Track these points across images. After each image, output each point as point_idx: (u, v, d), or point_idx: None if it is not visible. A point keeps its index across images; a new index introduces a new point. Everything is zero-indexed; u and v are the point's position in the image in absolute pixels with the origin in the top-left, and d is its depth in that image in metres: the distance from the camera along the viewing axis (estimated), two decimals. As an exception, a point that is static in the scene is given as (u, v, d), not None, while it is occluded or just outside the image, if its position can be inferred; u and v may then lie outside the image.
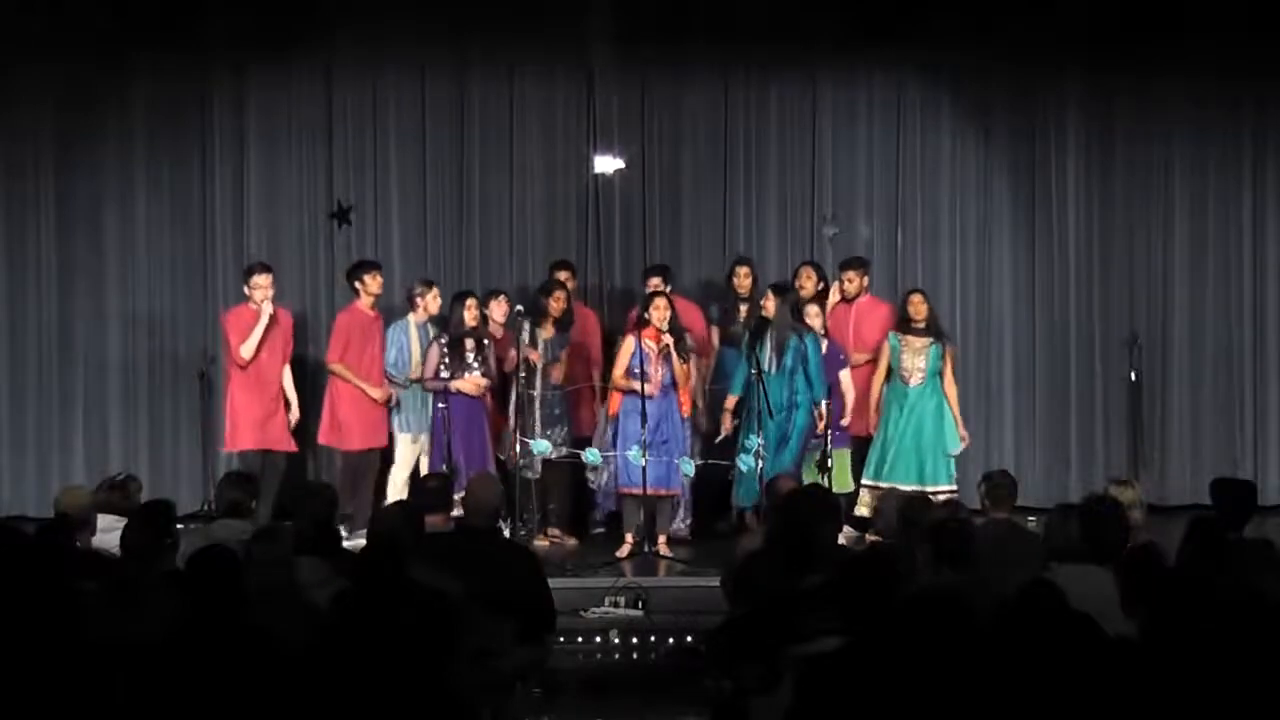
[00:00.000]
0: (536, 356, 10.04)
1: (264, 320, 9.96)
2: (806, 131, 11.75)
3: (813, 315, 10.01)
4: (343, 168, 11.53)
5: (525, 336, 10.00)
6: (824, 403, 9.67)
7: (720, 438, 9.98)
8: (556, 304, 10.15)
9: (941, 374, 10.00)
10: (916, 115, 11.76)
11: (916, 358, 9.95)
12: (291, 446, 10.21)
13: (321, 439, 10.38)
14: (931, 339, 10.01)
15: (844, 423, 10.03)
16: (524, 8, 11.23)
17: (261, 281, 10.03)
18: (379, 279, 10.26)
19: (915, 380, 9.94)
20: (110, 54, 11.20)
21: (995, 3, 11.31)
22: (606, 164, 11.46)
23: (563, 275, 10.54)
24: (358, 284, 10.25)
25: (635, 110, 11.62)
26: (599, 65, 11.35)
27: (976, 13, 11.29)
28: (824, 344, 9.96)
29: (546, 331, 10.17)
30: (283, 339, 10.18)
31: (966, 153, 11.81)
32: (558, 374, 10.13)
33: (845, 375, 10.07)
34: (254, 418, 10.01)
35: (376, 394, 10.15)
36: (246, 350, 9.94)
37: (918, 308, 10.04)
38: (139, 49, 11.18)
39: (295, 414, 10.24)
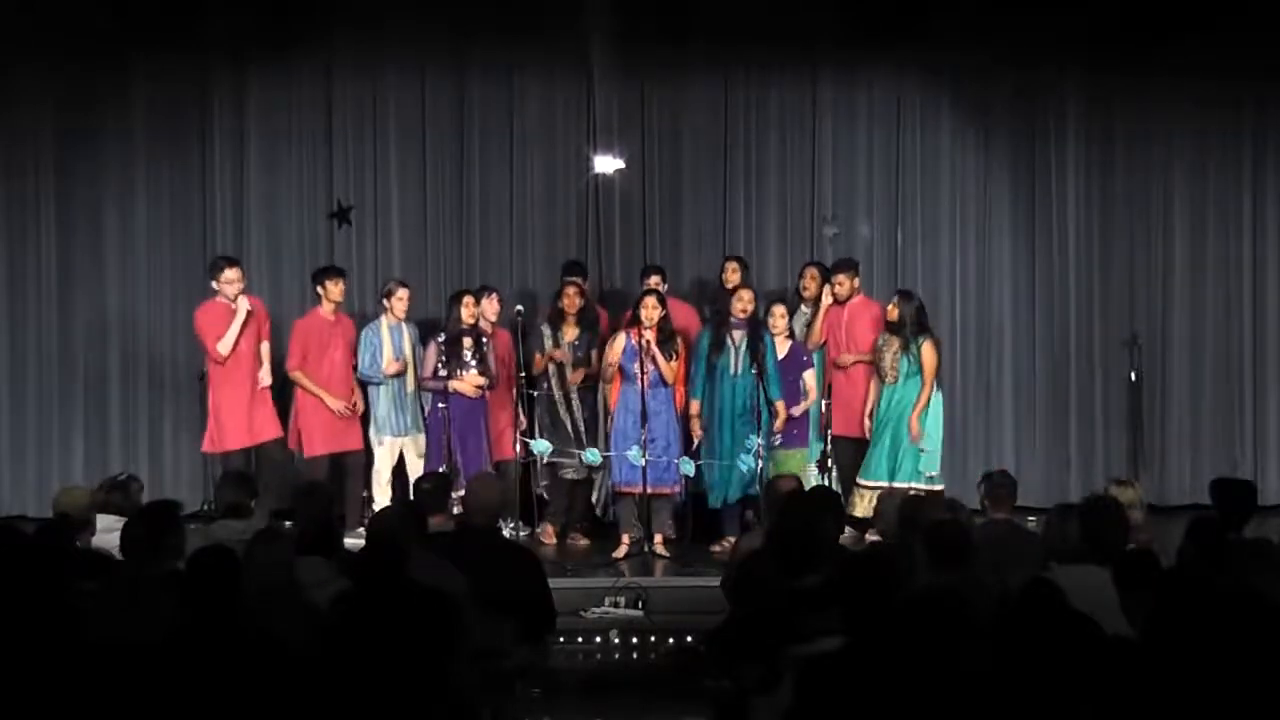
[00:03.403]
0: (562, 355, 10.06)
1: (241, 316, 9.91)
2: (806, 132, 11.75)
3: (777, 315, 9.98)
4: (343, 168, 11.53)
5: (548, 341, 10.03)
6: (779, 403, 9.64)
7: (696, 445, 9.97)
8: (570, 301, 10.18)
9: (921, 374, 9.92)
10: (916, 115, 11.76)
11: (894, 358, 9.94)
12: (279, 432, 10.14)
13: (290, 443, 10.37)
14: (904, 340, 9.95)
15: (795, 412, 9.85)
16: (524, 8, 11.23)
17: (232, 276, 9.95)
18: (340, 285, 10.23)
19: (890, 379, 9.92)
20: (110, 54, 11.20)
21: (995, 3, 11.31)
22: (606, 164, 11.46)
23: (576, 281, 10.58)
24: (319, 289, 10.24)
25: (635, 110, 11.62)
26: (599, 65, 11.35)
27: (976, 13, 11.29)
28: (788, 345, 9.95)
29: (569, 332, 10.19)
30: (256, 328, 10.09)
31: (966, 153, 11.81)
32: (576, 377, 10.13)
33: (809, 376, 10.01)
34: (240, 416, 9.97)
35: (334, 404, 10.10)
36: (224, 346, 9.87)
37: (890, 310, 10.01)
38: (139, 49, 11.18)
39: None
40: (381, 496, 10.03)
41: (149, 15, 10.93)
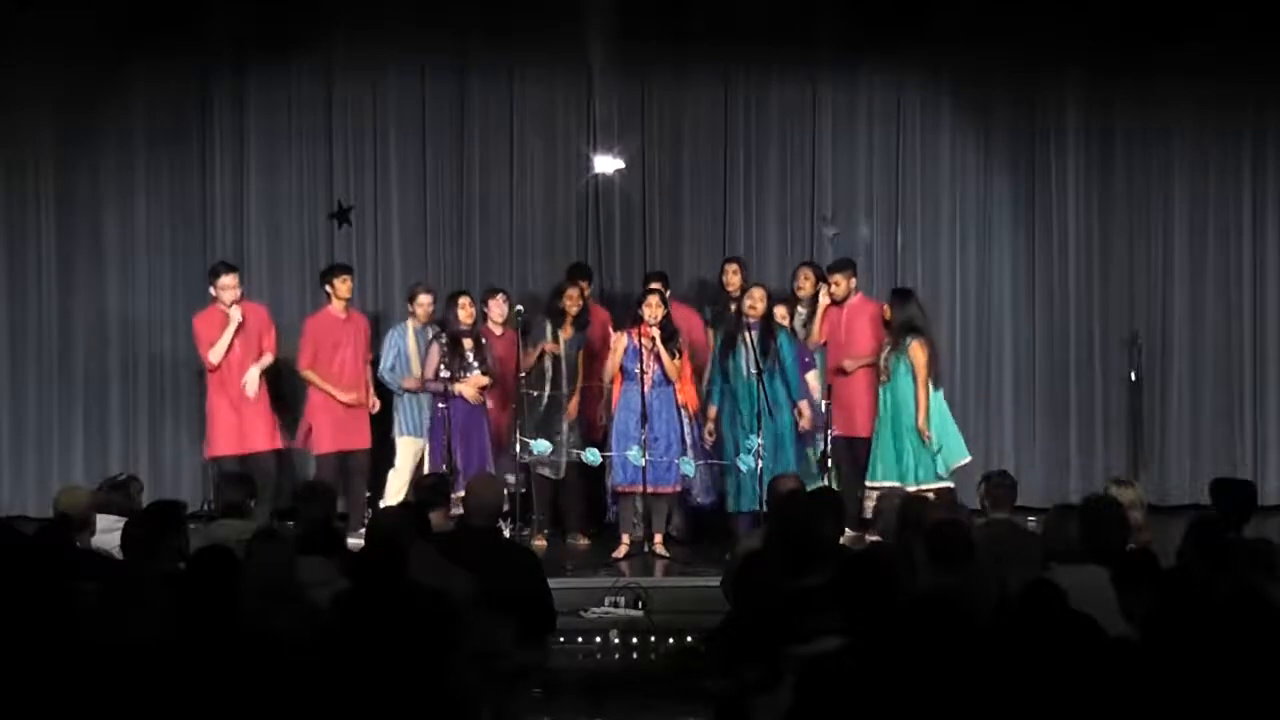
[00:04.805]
0: (555, 348, 10.07)
1: (233, 325, 9.88)
2: (806, 132, 11.74)
3: (780, 316, 9.99)
4: (343, 168, 11.52)
5: (548, 335, 10.03)
6: (803, 403, 9.65)
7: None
8: (572, 303, 10.18)
9: (914, 375, 9.90)
10: (916, 115, 11.75)
11: (886, 359, 9.94)
12: (273, 444, 10.09)
13: (297, 442, 10.35)
14: (896, 341, 9.94)
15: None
16: (524, 8, 11.24)
17: (228, 282, 9.92)
18: (348, 282, 10.25)
19: (883, 379, 9.92)
20: (110, 54, 11.19)
21: (995, 3, 11.31)
22: (606, 164, 11.45)
23: (580, 283, 10.59)
24: (327, 287, 10.26)
25: (635, 110, 11.61)
26: (599, 65, 11.34)
27: (976, 13, 11.30)
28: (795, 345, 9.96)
29: (565, 332, 10.20)
30: (256, 336, 10.05)
31: (966, 153, 11.80)
32: (572, 408, 10.13)
33: (811, 377, 10.01)
34: (228, 424, 9.94)
35: (346, 397, 10.11)
36: (215, 355, 9.85)
37: (885, 310, 10.03)
38: (139, 49, 11.17)
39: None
40: (394, 497, 9.97)
41: (149, 15, 10.94)
